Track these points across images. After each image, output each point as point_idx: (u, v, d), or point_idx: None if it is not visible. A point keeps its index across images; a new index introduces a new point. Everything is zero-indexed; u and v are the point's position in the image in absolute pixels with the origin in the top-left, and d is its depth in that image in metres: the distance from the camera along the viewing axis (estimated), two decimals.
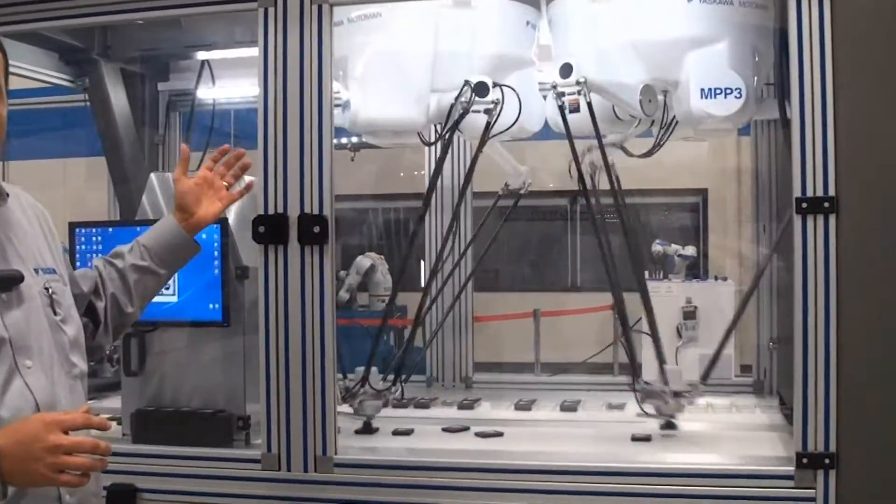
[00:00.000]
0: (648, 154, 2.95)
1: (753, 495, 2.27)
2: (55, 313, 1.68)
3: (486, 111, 2.84)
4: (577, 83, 2.70)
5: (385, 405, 2.91)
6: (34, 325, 1.63)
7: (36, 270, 1.69)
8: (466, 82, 2.81)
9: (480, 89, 2.81)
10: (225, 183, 2.08)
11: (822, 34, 2.22)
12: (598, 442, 2.73)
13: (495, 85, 2.84)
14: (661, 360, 2.77)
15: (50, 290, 1.69)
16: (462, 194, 3.23)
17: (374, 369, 2.92)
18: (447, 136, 2.90)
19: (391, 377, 2.97)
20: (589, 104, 2.71)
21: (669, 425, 2.77)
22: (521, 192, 3.49)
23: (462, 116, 2.81)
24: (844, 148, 2.22)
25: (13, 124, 1.71)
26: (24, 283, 1.63)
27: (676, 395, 2.73)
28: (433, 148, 3.63)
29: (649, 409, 2.79)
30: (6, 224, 1.68)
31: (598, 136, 2.77)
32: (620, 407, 3.11)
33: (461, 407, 3.17)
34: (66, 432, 1.46)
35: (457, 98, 2.81)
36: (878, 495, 2.22)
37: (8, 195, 1.71)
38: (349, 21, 2.87)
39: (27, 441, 1.44)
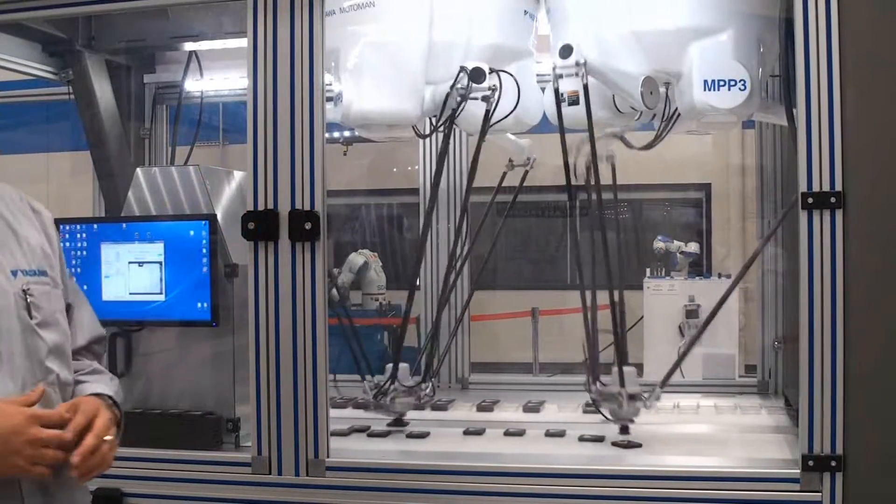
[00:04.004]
0: (649, 146, 2.89)
1: (758, 499, 2.24)
2: (31, 317, 1.63)
3: (484, 98, 2.75)
4: (577, 64, 2.62)
5: (418, 404, 2.88)
6: (3, 328, 1.59)
7: (14, 272, 1.63)
8: (462, 68, 2.73)
9: (476, 75, 2.72)
10: None
11: (828, 24, 2.18)
12: (597, 444, 2.67)
13: (492, 71, 2.75)
14: (621, 361, 2.65)
15: (27, 293, 1.63)
16: (468, 189, 3.12)
17: (404, 366, 2.87)
18: (444, 126, 2.82)
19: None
20: (585, 87, 2.64)
21: (624, 429, 2.67)
22: (527, 167, 3.35)
23: (460, 104, 2.72)
24: (852, 141, 2.18)
25: None
26: None
27: (632, 398, 2.62)
28: (427, 142, 3.57)
29: (605, 411, 2.69)
30: None
31: (590, 124, 2.67)
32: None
33: (526, 410, 3.11)
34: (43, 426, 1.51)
35: (452, 86, 2.72)
36: (886, 499, 2.19)
37: None
38: (341, 11, 2.83)
39: (6, 434, 1.48)
